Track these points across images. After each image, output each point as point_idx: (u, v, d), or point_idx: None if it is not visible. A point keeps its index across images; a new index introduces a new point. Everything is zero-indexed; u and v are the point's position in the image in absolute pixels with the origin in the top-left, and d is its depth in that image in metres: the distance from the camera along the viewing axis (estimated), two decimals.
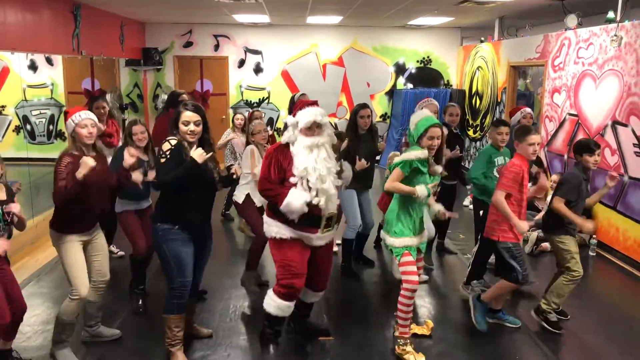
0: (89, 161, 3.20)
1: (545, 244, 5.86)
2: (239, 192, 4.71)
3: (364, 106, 4.96)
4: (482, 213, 4.54)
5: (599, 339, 4.02)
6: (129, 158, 3.62)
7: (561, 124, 7.02)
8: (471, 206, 5.78)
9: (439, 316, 4.36)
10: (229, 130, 6.61)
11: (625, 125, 5.70)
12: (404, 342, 3.68)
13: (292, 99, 5.40)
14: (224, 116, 10.70)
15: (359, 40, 10.80)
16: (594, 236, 5.98)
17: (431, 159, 3.60)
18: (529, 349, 3.90)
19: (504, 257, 3.86)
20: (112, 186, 3.62)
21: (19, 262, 5.05)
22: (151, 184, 4.01)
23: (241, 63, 10.75)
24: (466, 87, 10.51)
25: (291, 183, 3.38)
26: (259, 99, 10.88)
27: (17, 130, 10.79)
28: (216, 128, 6.85)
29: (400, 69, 10.99)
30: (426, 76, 11.01)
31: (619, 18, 5.87)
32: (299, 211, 3.33)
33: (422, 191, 3.51)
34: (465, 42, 10.95)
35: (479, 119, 9.90)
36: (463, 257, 5.69)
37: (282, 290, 3.49)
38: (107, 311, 4.06)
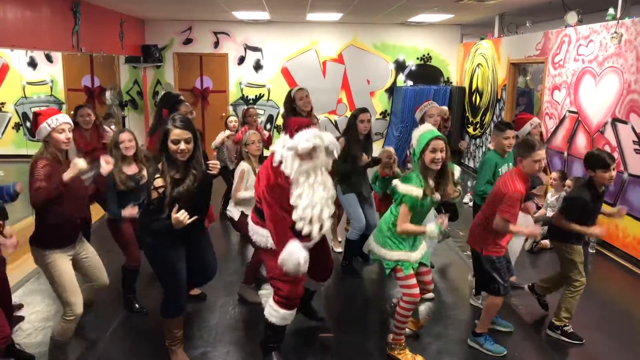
0: (80, 163, 3.06)
1: (545, 241, 5.87)
2: (233, 210, 4.53)
3: (364, 110, 4.89)
4: None
5: (598, 336, 4.03)
6: (105, 166, 3.43)
7: (561, 121, 7.02)
8: (471, 203, 5.78)
9: (437, 313, 4.36)
10: (222, 133, 6.57)
11: (625, 123, 5.70)
12: (399, 347, 3.64)
13: (288, 94, 5.30)
14: (224, 113, 10.70)
15: (359, 37, 10.79)
16: None
17: (429, 188, 3.34)
18: (527, 345, 3.91)
19: (485, 267, 3.67)
20: (91, 194, 3.45)
21: (18, 259, 5.05)
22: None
23: (241, 60, 10.74)
24: (466, 85, 10.50)
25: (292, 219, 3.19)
26: (255, 95, 10.88)
27: (17, 127, 10.81)
28: (216, 125, 6.85)
29: (400, 66, 10.98)
30: (426, 73, 11.00)
31: (619, 15, 5.87)
32: (294, 269, 3.12)
33: (432, 230, 3.30)
34: (465, 39, 10.94)
35: (479, 116, 9.90)
36: (462, 255, 5.70)
37: (282, 301, 3.36)
38: (103, 314, 4.03)
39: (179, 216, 3.00)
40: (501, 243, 3.67)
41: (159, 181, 3.09)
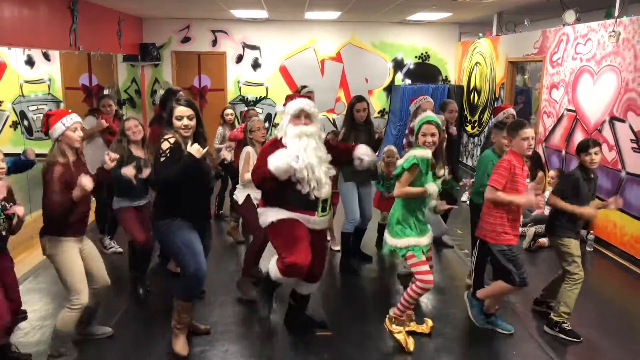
0: (87, 184, 3.14)
1: (542, 240, 5.88)
2: (240, 193, 4.63)
3: (360, 99, 4.90)
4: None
5: (596, 334, 4.04)
6: (109, 162, 3.48)
7: (559, 119, 7.03)
8: (468, 202, 5.78)
9: (436, 311, 4.37)
10: (220, 129, 6.56)
11: (622, 121, 5.71)
12: (397, 322, 3.70)
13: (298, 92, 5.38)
14: None
15: (357, 35, 10.79)
16: (592, 232, 6.00)
17: (432, 159, 3.53)
18: (525, 343, 3.91)
19: (499, 260, 3.69)
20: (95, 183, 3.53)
21: (17, 258, 5.04)
22: (148, 181, 4.01)
23: (239, 58, 10.73)
24: (464, 83, 10.51)
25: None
26: (256, 97, 10.86)
27: (15, 125, 10.77)
28: (214, 123, 6.83)
29: (398, 65, 10.98)
30: (424, 72, 11.00)
31: (617, 14, 5.87)
32: (286, 168, 3.29)
33: (432, 189, 3.46)
34: (463, 37, 10.94)
35: (477, 114, 9.91)
36: (460, 252, 5.70)
37: (284, 268, 3.43)
38: (103, 309, 4.00)
39: (193, 148, 3.22)
40: (510, 230, 3.67)
41: (169, 136, 3.33)
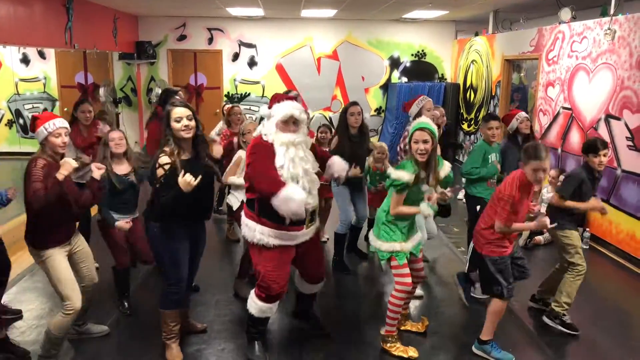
0: (71, 161, 3.10)
1: (538, 237, 5.89)
2: (233, 198, 4.53)
3: (354, 104, 4.89)
4: (479, 208, 4.34)
5: (592, 332, 4.05)
6: (97, 171, 3.42)
7: (555, 117, 7.05)
8: (465, 200, 5.79)
9: (432, 310, 4.38)
10: (221, 123, 6.50)
11: (618, 119, 5.73)
12: (392, 339, 3.66)
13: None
14: (218, 110, 10.67)
15: (353, 33, 10.78)
16: (588, 229, 6.02)
17: (422, 176, 3.40)
18: (523, 341, 3.93)
19: (489, 268, 3.53)
20: (90, 201, 3.46)
21: (13, 257, 5.03)
22: (137, 195, 4.07)
23: (235, 56, 10.71)
24: (460, 81, 10.52)
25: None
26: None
27: (10, 124, 10.74)
28: (210, 121, 6.84)
29: (394, 63, 10.98)
30: (421, 70, 11.00)
31: (612, 12, 5.88)
32: (297, 209, 3.03)
33: (425, 210, 3.40)
34: (459, 35, 10.94)
35: (473, 112, 9.92)
36: (456, 250, 5.71)
37: (261, 294, 3.39)
38: (98, 310, 4.00)
39: (185, 178, 3.02)
40: (504, 242, 3.53)
41: (164, 159, 3.17)
